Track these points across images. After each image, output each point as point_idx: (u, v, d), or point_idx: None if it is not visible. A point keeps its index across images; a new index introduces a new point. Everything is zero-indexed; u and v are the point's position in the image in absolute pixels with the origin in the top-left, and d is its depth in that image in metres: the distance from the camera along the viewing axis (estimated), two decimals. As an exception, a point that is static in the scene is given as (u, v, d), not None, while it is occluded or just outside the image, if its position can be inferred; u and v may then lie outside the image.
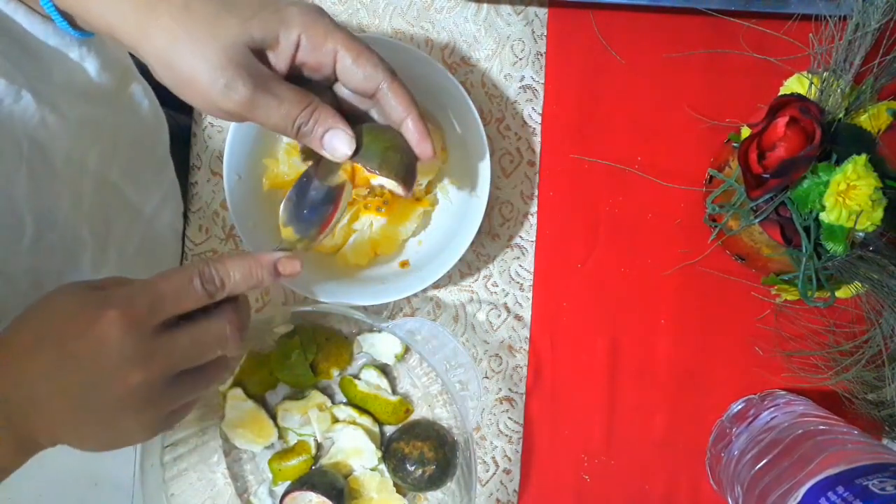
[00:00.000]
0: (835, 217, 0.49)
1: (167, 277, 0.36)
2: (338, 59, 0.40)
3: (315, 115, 0.40)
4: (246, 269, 0.39)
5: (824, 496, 0.43)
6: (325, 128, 0.41)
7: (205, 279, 0.37)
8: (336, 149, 0.42)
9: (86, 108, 0.50)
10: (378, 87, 0.41)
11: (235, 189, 0.56)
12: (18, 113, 0.43)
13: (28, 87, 0.44)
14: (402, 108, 0.43)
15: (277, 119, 0.39)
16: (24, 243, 0.45)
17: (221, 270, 0.38)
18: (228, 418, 0.60)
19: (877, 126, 0.51)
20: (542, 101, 0.63)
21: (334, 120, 0.41)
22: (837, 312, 0.61)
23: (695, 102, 0.62)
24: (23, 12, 0.42)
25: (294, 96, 0.40)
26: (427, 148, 0.44)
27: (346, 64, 0.40)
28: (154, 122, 0.60)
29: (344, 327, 0.63)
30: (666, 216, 0.62)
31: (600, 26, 0.62)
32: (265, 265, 0.40)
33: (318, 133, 0.41)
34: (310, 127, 0.41)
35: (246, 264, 0.39)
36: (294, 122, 0.40)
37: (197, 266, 0.37)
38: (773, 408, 0.56)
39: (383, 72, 0.41)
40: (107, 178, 0.54)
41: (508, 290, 0.63)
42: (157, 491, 0.53)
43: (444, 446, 0.58)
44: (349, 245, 0.59)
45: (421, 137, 0.44)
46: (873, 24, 0.52)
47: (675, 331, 0.62)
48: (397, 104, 0.42)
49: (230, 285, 0.38)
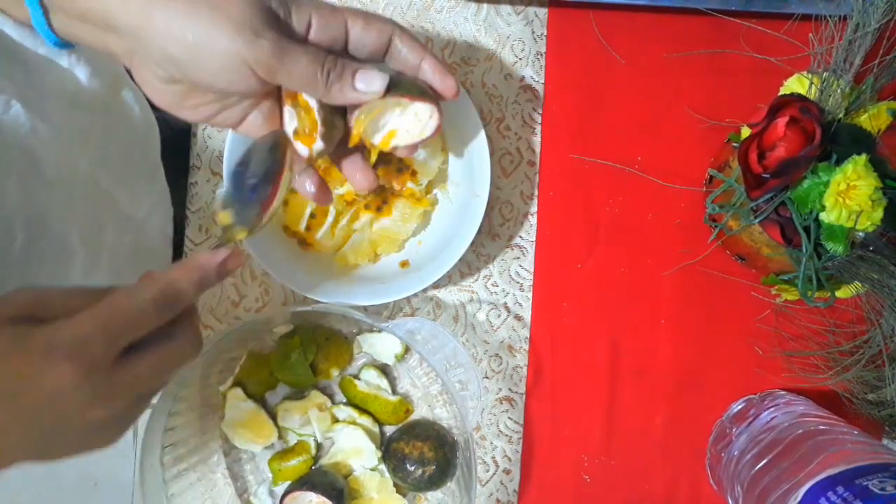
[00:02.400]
0: (835, 217, 0.49)
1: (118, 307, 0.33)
2: (349, 30, 0.41)
3: (340, 60, 0.40)
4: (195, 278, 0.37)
5: (824, 496, 0.43)
6: (354, 69, 0.41)
7: (158, 305, 0.35)
8: (371, 82, 0.41)
9: (77, 116, 0.49)
10: (390, 40, 0.42)
11: (235, 189, 0.56)
12: (9, 122, 0.43)
13: (18, 97, 0.43)
14: (416, 54, 0.43)
15: (307, 64, 0.39)
16: (15, 251, 0.44)
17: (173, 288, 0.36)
18: (228, 418, 0.60)
19: (877, 126, 0.51)
20: (542, 101, 0.63)
21: (358, 63, 0.41)
22: (837, 312, 0.61)
23: (695, 102, 0.62)
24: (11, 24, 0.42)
25: (315, 48, 0.40)
26: (450, 83, 0.44)
27: (357, 31, 0.41)
28: (145, 128, 0.60)
29: (344, 327, 0.63)
30: (666, 216, 0.62)
31: (600, 26, 0.62)
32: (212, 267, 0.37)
33: (347, 77, 0.41)
34: (338, 71, 0.40)
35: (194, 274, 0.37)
36: (323, 67, 0.39)
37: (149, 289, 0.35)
38: (773, 408, 0.56)
39: (392, 26, 0.42)
40: (98, 185, 0.53)
41: (508, 290, 0.63)
42: (157, 491, 0.53)
43: (444, 446, 0.58)
44: (349, 245, 0.59)
45: (441, 74, 0.44)
46: (873, 24, 0.52)
47: (675, 331, 0.62)
48: (410, 51, 0.42)
49: (183, 300, 0.36)
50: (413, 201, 0.59)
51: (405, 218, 0.59)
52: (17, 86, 0.43)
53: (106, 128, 0.54)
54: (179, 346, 0.36)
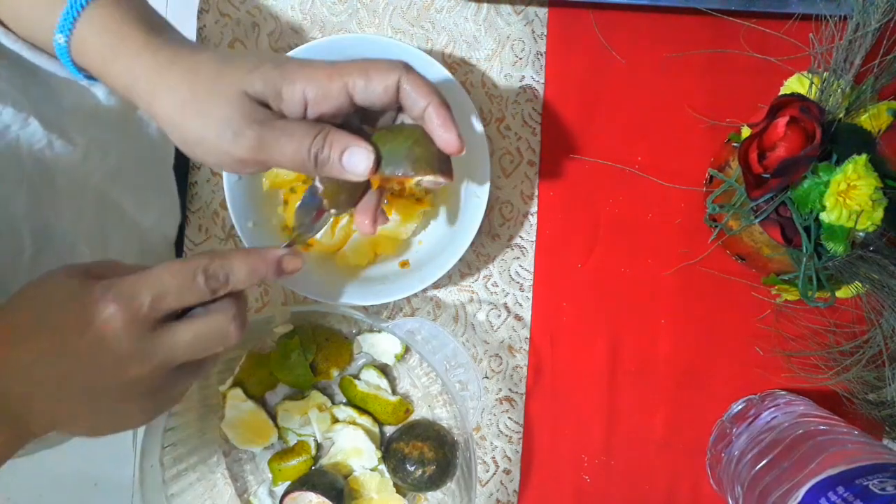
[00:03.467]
0: (835, 217, 0.49)
1: (170, 271, 0.36)
2: (352, 90, 0.39)
3: (329, 138, 0.39)
4: (250, 265, 0.38)
5: (824, 496, 0.43)
6: (342, 148, 0.40)
7: (208, 275, 0.37)
8: (356, 165, 0.40)
9: (94, 132, 0.50)
10: (397, 86, 0.40)
11: (235, 189, 0.56)
12: (25, 138, 0.44)
13: (36, 114, 0.44)
14: (422, 96, 0.40)
15: (292, 152, 0.38)
16: (24, 260, 0.45)
17: (226, 267, 0.37)
18: (228, 418, 0.60)
19: (877, 126, 0.51)
20: (542, 101, 0.63)
21: (348, 138, 0.40)
22: (838, 312, 0.61)
23: (695, 102, 0.62)
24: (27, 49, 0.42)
25: (303, 127, 0.39)
26: (450, 138, 0.41)
27: (360, 90, 0.39)
28: (161, 142, 0.60)
29: (344, 327, 0.63)
30: (666, 216, 0.62)
31: (600, 26, 0.62)
32: (269, 262, 0.39)
33: (335, 157, 0.40)
34: (326, 153, 0.39)
35: (250, 261, 0.39)
36: (310, 151, 0.39)
37: (201, 261, 0.37)
38: (773, 408, 0.56)
39: (399, 70, 0.40)
40: (108, 196, 0.54)
41: (508, 290, 0.63)
42: (157, 491, 0.53)
43: (444, 446, 0.58)
44: (349, 245, 0.59)
45: (443, 124, 0.40)
46: (873, 24, 0.52)
47: (675, 331, 0.62)
48: (416, 94, 0.40)
49: (233, 282, 0.38)
50: (413, 201, 0.59)
51: (405, 218, 0.59)
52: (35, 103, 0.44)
53: (122, 142, 0.54)
54: (221, 322, 0.37)
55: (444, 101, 0.41)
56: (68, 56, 0.39)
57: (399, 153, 0.41)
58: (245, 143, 0.38)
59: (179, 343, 0.36)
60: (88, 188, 0.51)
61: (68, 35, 0.38)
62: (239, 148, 0.38)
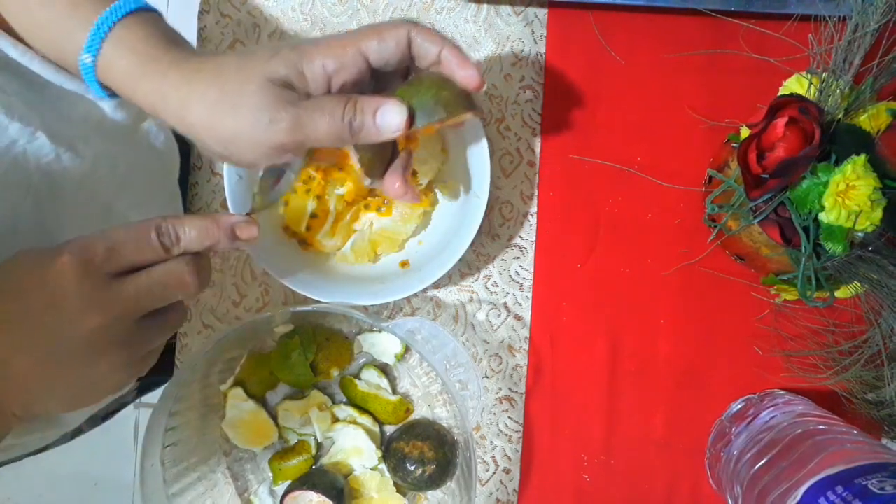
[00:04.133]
0: (834, 217, 0.49)
1: (124, 228, 0.37)
2: (366, 52, 0.40)
3: (358, 104, 0.40)
4: (203, 227, 0.39)
5: (823, 496, 0.43)
6: (373, 109, 0.41)
7: (161, 232, 0.38)
8: (391, 121, 0.41)
9: (101, 145, 0.50)
10: (408, 39, 0.41)
11: (235, 189, 0.56)
12: (32, 152, 0.44)
13: (43, 128, 0.44)
14: (434, 43, 0.42)
15: (328, 125, 0.39)
16: None
17: (178, 225, 0.38)
18: (228, 418, 0.60)
19: (876, 126, 0.51)
20: (542, 101, 0.63)
21: (377, 99, 0.41)
22: (837, 312, 0.61)
23: (695, 102, 0.62)
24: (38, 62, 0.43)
25: (332, 99, 0.40)
26: (471, 72, 0.42)
27: (374, 51, 0.41)
28: (167, 155, 0.61)
29: (344, 327, 0.63)
30: (666, 216, 0.62)
31: (600, 26, 0.62)
32: (223, 226, 0.40)
33: (368, 120, 0.41)
34: (359, 119, 0.40)
35: (203, 223, 0.39)
36: (344, 119, 0.40)
37: (154, 220, 0.38)
38: (772, 407, 0.56)
39: (407, 25, 0.41)
40: (114, 207, 0.54)
41: (508, 290, 0.63)
42: (158, 491, 0.53)
43: (444, 446, 0.58)
44: (349, 245, 0.60)
45: (461, 62, 0.42)
46: (873, 25, 0.52)
47: (675, 331, 0.62)
48: (428, 42, 0.41)
49: (185, 240, 0.38)
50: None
51: (405, 218, 0.59)
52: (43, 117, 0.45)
53: (129, 156, 0.55)
54: (176, 268, 0.38)
55: (455, 43, 0.42)
56: (94, 75, 0.40)
57: (427, 102, 0.42)
58: (282, 126, 0.38)
59: (136, 289, 0.36)
60: (95, 200, 0.51)
61: (96, 55, 0.39)
62: (276, 132, 0.38)
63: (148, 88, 0.40)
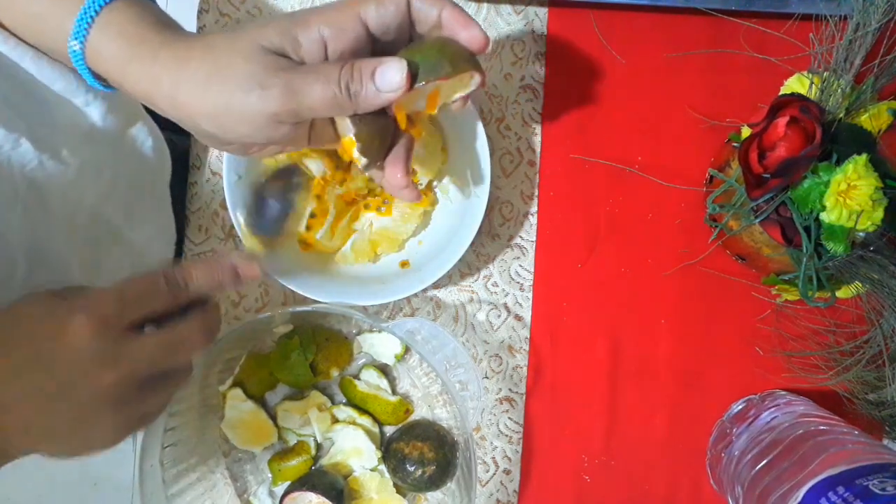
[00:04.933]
0: (835, 217, 0.49)
1: (132, 280, 0.37)
2: (365, 17, 0.39)
3: (355, 67, 0.38)
4: (207, 270, 0.39)
5: (825, 496, 0.43)
6: (371, 70, 0.39)
7: (168, 279, 0.37)
8: (391, 79, 0.39)
9: (88, 152, 0.49)
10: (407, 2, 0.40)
11: (235, 189, 0.56)
12: (16, 158, 0.43)
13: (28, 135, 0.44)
14: (433, 4, 0.40)
15: (322, 89, 0.38)
16: (17, 281, 0.45)
17: (184, 271, 0.38)
18: (228, 418, 0.60)
19: (877, 126, 0.51)
20: (542, 101, 0.63)
21: (374, 60, 0.39)
22: (838, 312, 0.61)
23: (695, 102, 0.62)
24: (30, 58, 0.42)
25: (328, 64, 0.38)
26: (474, 33, 0.41)
27: (373, 16, 0.39)
28: (156, 161, 0.60)
29: (344, 327, 0.63)
30: (666, 216, 0.62)
31: (600, 26, 0.62)
32: (225, 268, 0.40)
33: (367, 82, 0.39)
34: (357, 82, 0.38)
35: (207, 266, 0.39)
36: (340, 83, 0.38)
37: (161, 270, 0.38)
38: (773, 408, 0.56)
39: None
40: (102, 214, 0.53)
41: (508, 290, 0.63)
42: (157, 491, 0.53)
43: (444, 446, 0.58)
44: (349, 245, 0.59)
45: (465, 22, 0.41)
46: (874, 24, 0.52)
47: (675, 331, 0.62)
48: (428, 4, 0.40)
49: (193, 285, 0.38)
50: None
51: (405, 218, 0.59)
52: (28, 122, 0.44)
53: (117, 162, 0.54)
54: (189, 328, 0.38)
55: (456, 3, 0.41)
56: (84, 62, 0.39)
57: (431, 57, 0.40)
58: (274, 93, 0.37)
59: (148, 349, 0.36)
60: (82, 208, 0.51)
61: (83, 41, 0.38)
62: (268, 100, 0.37)
63: (138, 72, 0.39)
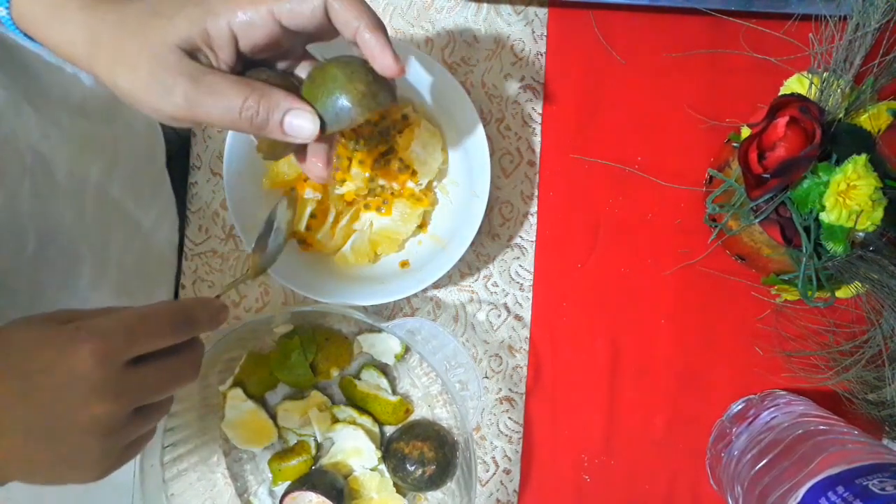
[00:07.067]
0: (835, 217, 0.49)
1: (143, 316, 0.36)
2: (279, 16, 0.37)
3: (263, 102, 0.37)
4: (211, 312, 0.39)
5: (824, 496, 0.43)
6: (282, 111, 0.38)
7: (176, 323, 0.37)
8: (301, 130, 0.38)
9: (84, 124, 0.49)
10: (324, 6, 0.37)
11: (235, 189, 0.56)
12: (21, 128, 0.43)
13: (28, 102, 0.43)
14: (353, 16, 0.37)
15: (220, 112, 0.37)
16: (26, 257, 0.45)
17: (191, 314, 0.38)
18: (228, 418, 0.60)
19: (877, 126, 0.51)
20: (542, 101, 0.63)
21: (288, 100, 0.38)
22: (837, 312, 0.61)
23: (695, 102, 0.62)
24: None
25: (232, 87, 0.37)
26: (388, 61, 0.38)
27: (287, 11, 0.37)
28: (150, 135, 0.60)
29: (344, 327, 0.63)
30: (666, 216, 0.62)
31: (600, 26, 0.62)
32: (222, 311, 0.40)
33: (275, 120, 0.38)
34: (262, 116, 0.38)
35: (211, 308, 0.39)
36: (240, 114, 0.37)
37: (170, 307, 0.37)
38: (773, 408, 0.56)
39: None
40: (107, 193, 0.54)
41: (508, 290, 0.63)
42: (157, 491, 0.53)
43: (444, 446, 0.58)
44: (349, 245, 0.59)
45: (379, 48, 0.38)
46: (873, 24, 0.52)
47: (675, 331, 0.62)
48: (346, 13, 0.37)
49: (198, 330, 0.39)
50: (413, 201, 0.59)
51: (405, 218, 0.59)
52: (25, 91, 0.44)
53: (113, 136, 0.54)
54: (182, 364, 0.38)
55: (376, 19, 0.38)
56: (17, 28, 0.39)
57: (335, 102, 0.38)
58: (174, 101, 0.37)
59: (146, 382, 0.36)
60: (88, 185, 0.51)
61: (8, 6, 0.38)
62: (169, 105, 0.37)
63: (57, 35, 0.38)
